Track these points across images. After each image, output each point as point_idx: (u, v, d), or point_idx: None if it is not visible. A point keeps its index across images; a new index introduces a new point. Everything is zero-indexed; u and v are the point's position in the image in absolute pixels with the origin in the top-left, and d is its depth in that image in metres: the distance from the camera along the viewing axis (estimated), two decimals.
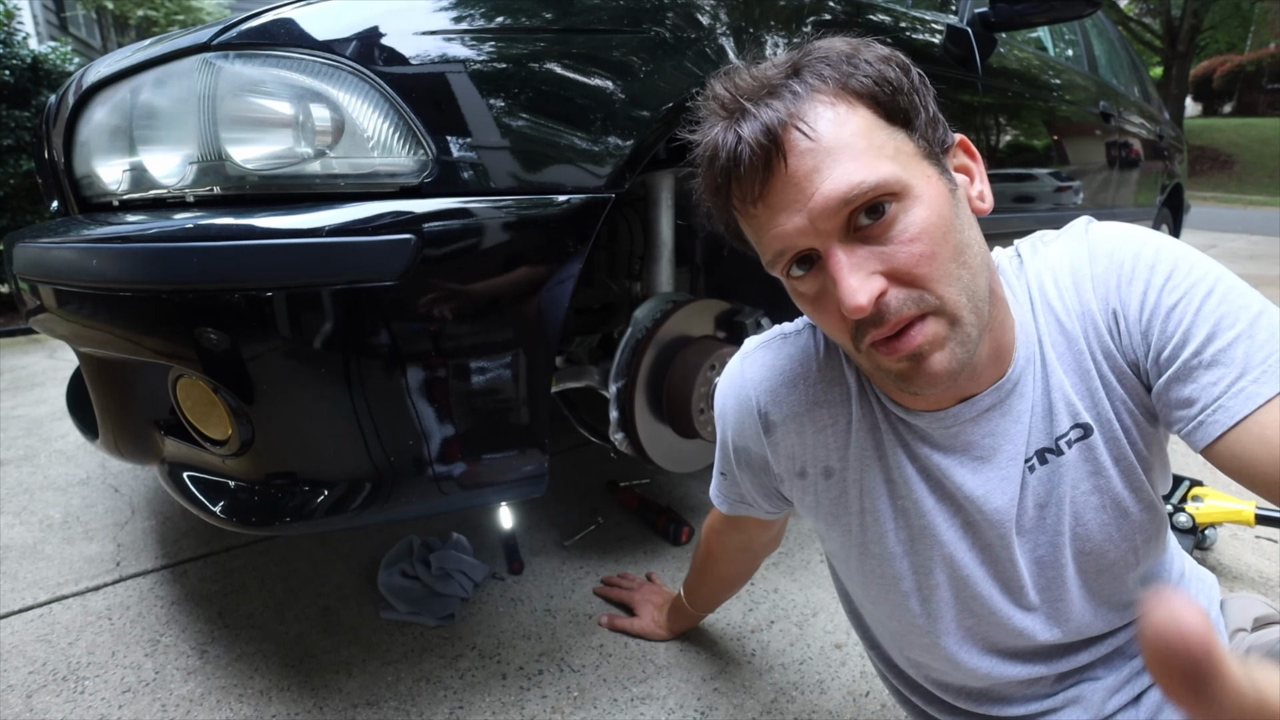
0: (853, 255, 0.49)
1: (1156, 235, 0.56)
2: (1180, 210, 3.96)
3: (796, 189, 0.49)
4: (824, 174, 0.48)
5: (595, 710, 1.00)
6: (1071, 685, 0.66)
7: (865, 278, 0.48)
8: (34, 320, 1.02)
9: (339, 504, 0.89)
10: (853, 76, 0.50)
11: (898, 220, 0.49)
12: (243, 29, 0.83)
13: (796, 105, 0.49)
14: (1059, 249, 0.60)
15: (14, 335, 3.43)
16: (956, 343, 0.51)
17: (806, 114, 0.49)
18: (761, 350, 0.69)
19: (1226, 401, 0.49)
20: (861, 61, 0.50)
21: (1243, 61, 19.42)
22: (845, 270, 0.48)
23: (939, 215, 0.50)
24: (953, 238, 0.50)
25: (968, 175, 0.56)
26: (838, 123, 0.49)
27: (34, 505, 1.63)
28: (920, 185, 0.50)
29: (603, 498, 1.62)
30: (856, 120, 0.49)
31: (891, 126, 0.50)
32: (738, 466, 0.74)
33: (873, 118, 0.50)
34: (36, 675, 1.07)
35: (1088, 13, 1.61)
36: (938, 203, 0.50)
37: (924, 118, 0.52)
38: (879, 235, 0.49)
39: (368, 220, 0.81)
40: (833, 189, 0.48)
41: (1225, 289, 0.51)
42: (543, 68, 0.92)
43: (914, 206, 0.49)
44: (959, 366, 0.51)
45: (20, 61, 3.55)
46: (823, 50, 0.51)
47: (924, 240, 0.49)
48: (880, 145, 0.49)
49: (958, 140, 0.56)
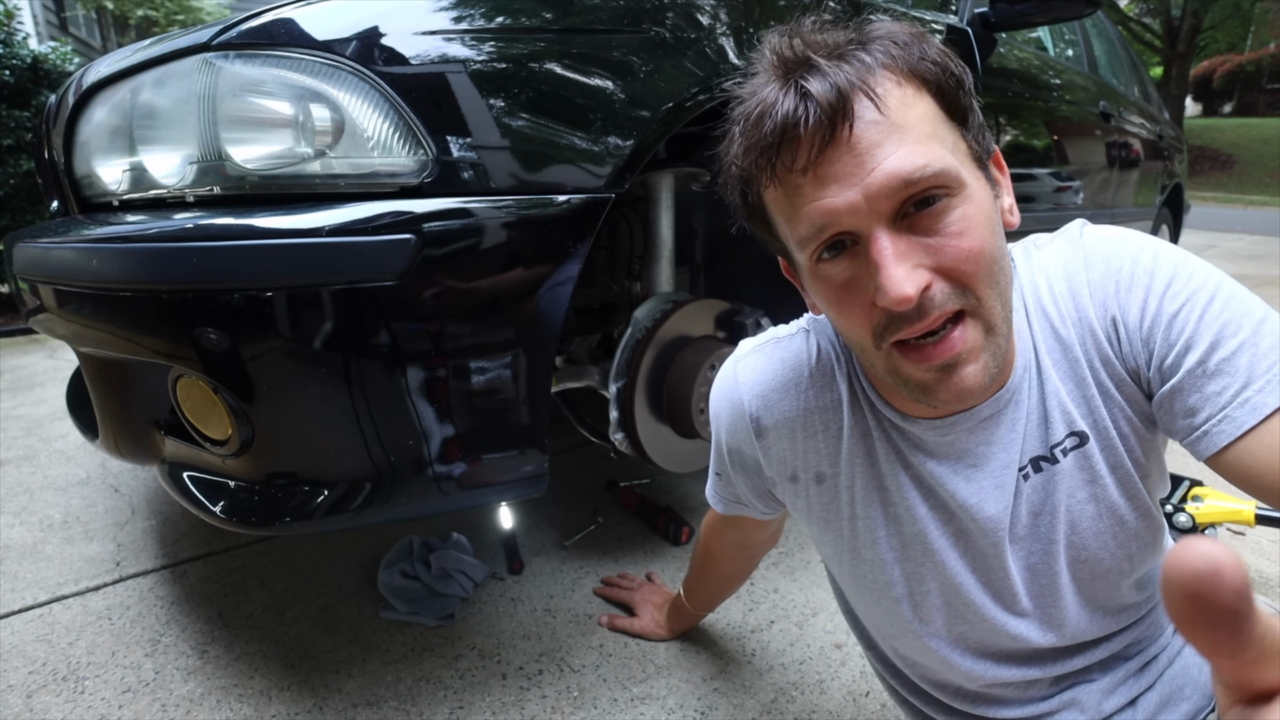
0: (899, 243, 0.47)
1: (1153, 240, 0.55)
2: (1180, 210, 3.96)
3: (856, 161, 0.46)
4: (889, 150, 0.45)
5: (595, 710, 1.00)
6: (1068, 688, 0.66)
7: (911, 269, 0.46)
8: (34, 320, 1.02)
9: (339, 504, 0.89)
10: (922, 62, 0.48)
11: (948, 213, 0.47)
12: (243, 29, 0.83)
13: (868, 75, 0.46)
14: (1053, 254, 0.59)
15: (14, 335, 3.43)
16: (990, 354, 0.50)
17: (876, 86, 0.46)
18: (755, 354, 0.69)
19: (1232, 412, 0.49)
20: (929, 49, 0.49)
21: (1243, 61, 19.41)
22: (891, 258, 0.46)
23: (986, 216, 0.49)
24: (993, 245, 0.49)
25: (1000, 187, 0.55)
26: (906, 103, 0.47)
27: (34, 505, 1.63)
28: (973, 184, 0.49)
29: (603, 498, 1.62)
30: (923, 105, 0.48)
31: (950, 120, 0.49)
32: (732, 468, 0.74)
33: (935, 108, 0.49)
34: (36, 675, 1.07)
35: (1088, 13, 1.61)
36: (986, 205, 0.49)
37: (976, 121, 0.51)
38: (927, 227, 0.47)
39: (368, 220, 0.81)
40: (898, 167, 0.45)
41: (1226, 295, 0.50)
42: (543, 68, 0.92)
43: (965, 203, 0.48)
44: (988, 380, 0.50)
45: (20, 61, 3.55)
46: (888, 30, 0.49)
47: (973, 237, 0.47)
48: (943, 136, 0.48)
49: (994, 151, 0.55)
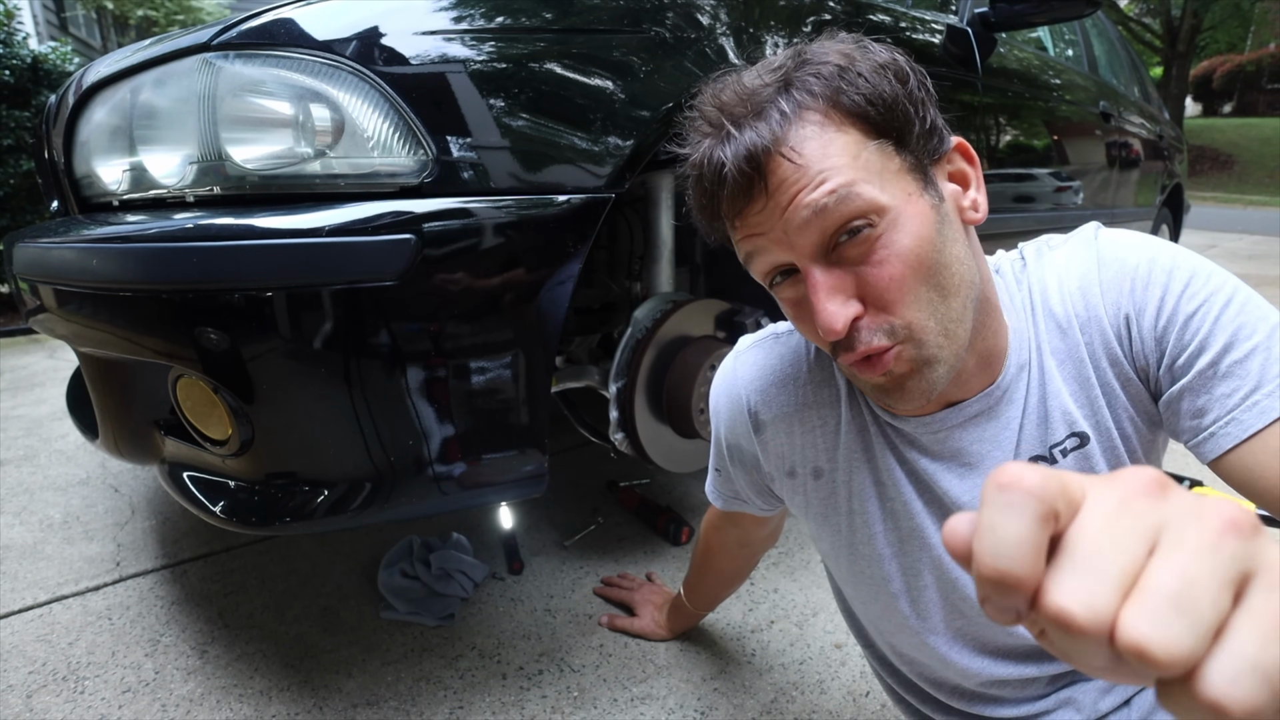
0: (829, 276, 0.49)
1: (1168, 243, 0.55)
2: (1180, 210, 3.96)
3: (776, 208, 0.49)
4: (804, 197, 0.48)
5: (595, 710, 1.00)
6: (1064, 686, 0.66)
7: (842, 303, 0.49)
8: (34, 320, 1.02)
9: (339, 504, 0.89)
10: (844, 94, 0.48)
11: (872, 242, 0.49)
12: (243, 29, 0.83)
13: (783, 128, 0.48)
14: (1065, 254, 0.59)
15: (14, 335, 3.43)
16: (927, 367, 0.51)
17: (791, 137, 0.48)
18: (754, 349, 0.69)
19: (1240, 415, 0.49)
20: (855, 75, 0.49)
21: (1243, 61, 19.40)
22: (822, 294, 0.49)
23: (915, 237, 0.49)
24: (929, 259, 0.49)
25: (963, 183, 0.55)
26: (824, 143, 0.48)
27: (34, 505, 1.63)
28: (900, 205, 0.49)
29: (603, 498, 1.62)
30: (843, 140, 0.48)
31: (880, 141, 0.50)
32: (731, 463, 0.75)
33: (860, 136, 0.49)
34: (36, 675, 1.07)
35: (1088, 13, 1.61)
36: (915, 223, 0.49)
37: (917, 130, 0.51)
38: (855, 257, 0.49)
39: (368, 220, 0.81)
40: (810, 203, 0.48)
41: (1243, 299, 0.51)
42: (543, 68, 0.92)
43: (891, 228, 0.49)
44: (931, 387, 0.52)
45: (20, 61, 3.55)
46: (817, 61, 0.50)
47: (895, 263, 0.49)
48: (865, 164, 0.48)
49: (955, 144, 0.54)
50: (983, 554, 0.22)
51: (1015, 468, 0.22)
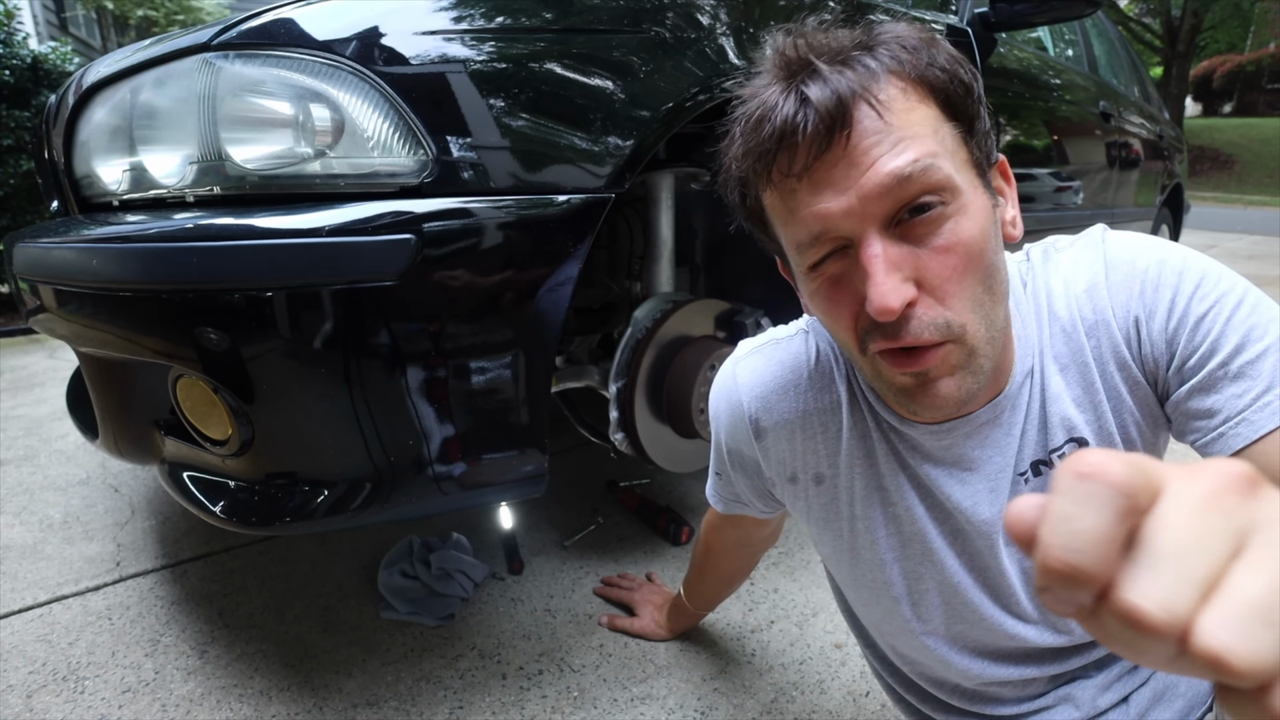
0: (890, 250, 0.46)
1: (1176, 245, 0.55)
2: (1180, 210, 3.96)
3: (852, 166, 0.46)
4: (885, 152, 0.45)
5: (595, 710, 1.00)
6: (1063, 684, 0.67)
7: (900, 281, 0.46)
8: (34, 320, 1.02)
9: (339, 504, 0.89)
10: (930, 67, 0.47)
11: (941, 224, 0.47)
12: (243, 29, 0.83)
13: (870, 81, 0.46)
14: (1072, 257, 0.58)
15: (14, 335, 3.43)
16: (969, 372, 0.49)
17: (879, 91, 0.46)
18: (753, 356, 0.69)
19: (1251, 415, 0.48)
20: (938, 54, 0.48)
21: (1243, 61, 19.40)
22: (881, 267, 0.46)
23: (980, 230, 0.48)
24: (987, 258, 0.48)
25: (1003, 198, 0.54)
26: (908, 108, 0.46)
27: (34, 505, 1.63)
28: (970, 194, 0.48)
29: (603, 498, 1.62)
30: (924, 111, 0.47)
31: (955, 125, 0.49)
32: (731, 468, 0.74)
33: (939, 114, 0.48)
34: (36, 675, 1.07)
35: (1088, 13, 1.61)
36: (981, 216, 0.48)
37: (981, 128, 0.50)
38: (919, 236, 0.47)
39: (368, 220, 0.81)
40: (893, 166, 0.45)
41: (1254, 301, 0.50)
42: (543, 68, 0.92)
43: (960, 214, 0.47)
44: (966, 396, 0.50)
45: (20, 61, 3.55)
46: (896, 34, 0.48)
47: (960, 253, 0.47)
48: (944, 141, 0.47)
49: (999, 160, 0.54)
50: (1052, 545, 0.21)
51: (1095, 455, 0.21)
